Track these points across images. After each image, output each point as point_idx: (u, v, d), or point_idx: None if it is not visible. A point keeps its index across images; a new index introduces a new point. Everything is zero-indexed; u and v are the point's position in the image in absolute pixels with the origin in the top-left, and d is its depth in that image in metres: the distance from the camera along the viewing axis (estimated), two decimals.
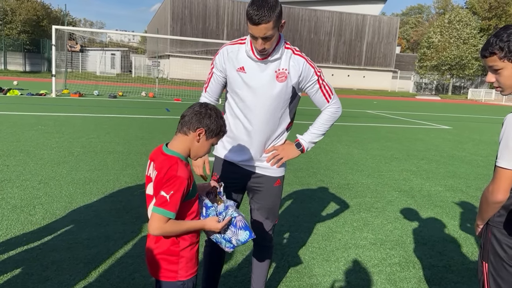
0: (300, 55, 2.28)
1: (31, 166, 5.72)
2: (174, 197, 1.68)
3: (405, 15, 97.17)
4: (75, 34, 28.35)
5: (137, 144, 7.77)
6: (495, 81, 1.74)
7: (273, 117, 2.31)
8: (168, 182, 1.69)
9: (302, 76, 2.27)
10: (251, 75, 2.24)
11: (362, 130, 12.10)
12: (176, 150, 1.79)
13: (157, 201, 1.69)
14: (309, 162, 7.15)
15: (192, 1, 41.84)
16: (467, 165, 7.89)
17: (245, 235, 1.88)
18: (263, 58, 2.21)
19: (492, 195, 1.70)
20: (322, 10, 46.58)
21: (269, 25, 2.01)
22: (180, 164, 1.74)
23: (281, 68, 2.24)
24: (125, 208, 4.32)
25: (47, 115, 10.99)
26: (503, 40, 1.64)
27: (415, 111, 22.02)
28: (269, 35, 2.04)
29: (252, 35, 2.06)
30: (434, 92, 54.64)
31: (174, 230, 1.74)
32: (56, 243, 3.40)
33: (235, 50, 2.28)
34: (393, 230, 4.28)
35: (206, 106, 1.83)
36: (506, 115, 1.67)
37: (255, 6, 2.00)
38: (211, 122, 1.79)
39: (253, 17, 1.99)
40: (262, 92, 2.25)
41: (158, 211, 1.68)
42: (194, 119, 1.78)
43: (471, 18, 49.55)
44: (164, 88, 26.04)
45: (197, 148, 1.83)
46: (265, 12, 1.98)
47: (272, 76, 2.23)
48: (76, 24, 59.35)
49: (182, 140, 1.81)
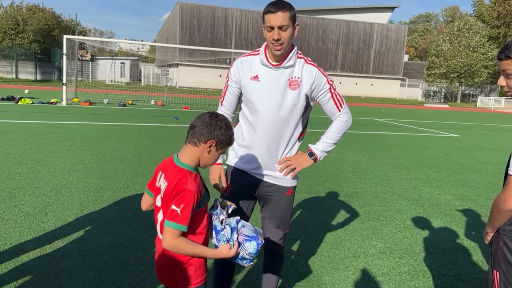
0: (312, 64, 2.34)
1: (43, 174, 5.80)
2: (185, 210, 1.70)
3: (413, 23, 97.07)
4: (85, 44, 28.75)
5: (146, 152, 7.83)
6: (505, 85, 1.76)
7: (286, 125, 2.35)
8: (177, 196, 1.71)
9: (315, 84, 2.32)
10: (265, 83, 2.30)
11: (370, 138, 12.08)
12: (186, 161, 1.81)
13: (168, 215, 1.72)
14: (318, 171, 7.16)
15: (201, 11, 42.23)
16: (477, 173, 7.85)
17: (253, 246, 1.86)
18: (278, 64, 2.26)
19: (504, 203, 1.70)
20: (329, 19, 46.72)
21: (286, 14, 2.12)
22: (189, 178, 1.76)
23: (294, 76, 2.29)
24: (135, 216, 4.37)
25: (58, 123, 11.13)
26: None
27: (423, 119, 21.92)
28: (285, 24, 2.12)
29: (269, 26, 2.14)
30: (442, 100, 54.35)
31: (186, 249, 1.75)
32: (68, 250, 3.45)
33: (249, 60, 2.36)
34: (403, 238, 4.27)
35: (216, 116, 1.85)
36: None
37: (273, 1, 2.17)
38: (221, 133, 1.81)
39: (272, 6, 2.12)
40: (275, 99, 2.29)
41: (170, 225, 1.70)
42: (205, 131, 1.80)
43: (480, 26, 49.37)
44: (173, 97, 26.23)
45: (207, 158, 1.85)
46: (284, 4, 2.14)
47: (285, 83, 2.29)
48: (86, 33, 60.15)
49: (192, 151, 1.83)
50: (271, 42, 2.17)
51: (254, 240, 1.88)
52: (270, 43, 2.19)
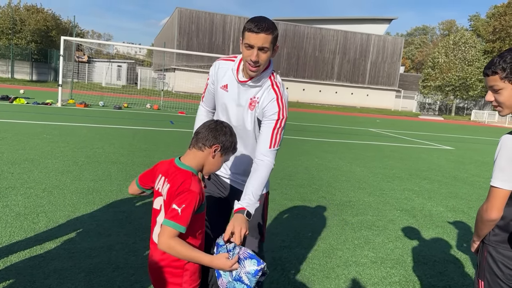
0: (275, 90, 2.22)
1: (36, 175, 5.77)
2: (186, 211, 1.68)
3: (410, 36, 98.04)
4: (82, 45, 28.71)
5: (141, 156, 7.82)
6: (493, 100, 1.81)
7: (249, 138, 2.34)
8: (180, 196, 1.70)
9: (265, 109, 2.21)
10: (231, 95, 2.28)
11: (365, 148, 12.13)
12: (190, 164, 1.82)
13: (168, 214, 1.69)
14: (311, 179, 7.17)
15: (200, 17, 42.43)
16: (469, 186, 7.90)
17: (253, 265, 1.74)
18: (245, 80, 2.20)
19: (486, 213, 1.77)
20: (327, 29, 47.08)
21: (269, 37, 2.05)
22: (193, 179, 1.76)
23: (255, 96, 2.23)
24: (127, 219, 4.35)
25: (52, 124, 11.09)
26: (506, 61, 1.71)
27: (418, 131, 22.06)
28: (266, 47, 2.06)
29: (249, 44, 2.05)
30: (437, 112, 54.76)
31: (181, 251, 1.70)
32: (59, 252, 3.43)
33: (225, 66, 2.31)
34: (394, 249, 4.28)
35: (221, 123, 1.89)
36: (502, 136, 1.73)
37: (256, 19, 2.06)
38: (226, 139, 1.85)
39: (256, 25, 2.02)
40: (237, 114, 2.29)
41: (169, 223, 1.67)
42: (210, 136, 1.83)
43: (476, 40, 49.94)
44: (169, 101, 26.22)
45: (211, 163, 1.86)
46: (267, 25, 2.04)
47: (246, 102, 2.25)
48: (84, 35, 60.10)
49: (197, 156, 1.84)
50: (247, 61, 2.09)
51: (256, 259, 1.76)
52: (245, 61, 2.11)
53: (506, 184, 1.70)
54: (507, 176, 1.69)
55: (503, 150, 1.70)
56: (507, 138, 1.71)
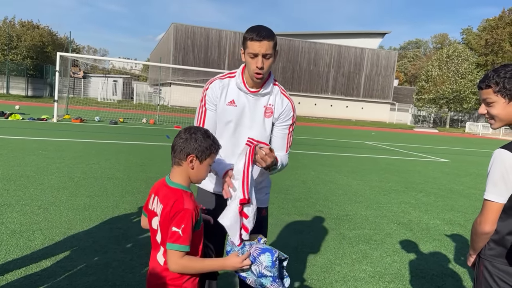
0: (286, 95, 2.35)
1: (31, 191, 5.73)
2: (186, 230, 1.69)
3: (403, 49, 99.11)
4: (78, 61, 28.81)
5: (137, 171, 7.80)
6: (486, 113, 1.87)
7: None
8: (176, 217, 1.70)
9: (281, 114, 2.31)
10: (241, 109, 2.26)
11: (361, 161, 12.17)
12: (178, 181, 1.82)
13: (170, 238, 1.70)
14: (308, 192, 7.17)
15: (195, 32, 42.75)
16: (465, 198, 7.92)
17: (268, 258, 1.79)
18: (255, 90, 2.25)
19: (480, 226, 1.81)
20: (321, 43, 47.55)
21: (271, 43, 2.12)
22: (185, 197, 1.76)
23: (269, 103, 2.29)
24: (124, 236, 4.32)
25: (48, 140, 11.06)
26: (500, 76, 1.77)
27: (413, 143, 22.15)
28: (269, 53, 2.12)
29: (253, 53, 2.11)
30: (432, 124, 55.09)
31: (193, 267, 1.74)
32: (55, 270, 3.40)
33: (225, 83, 2.30)
34: (392, 263, 4.27)
35: (190, 130, 1.83)
36: (495, 150, 1.77)
37: (256, 28, 2.13)
38: (198, 145, 1.79)
39: (257, 34, 2.09)
40: (251, 126, 2.27)
41: (173, 247, 1.69)
42: (183, 147, 1.79)
43: (468, 53, 50.58)
44: (164, 115, 26.24)
45: (195, 174, 1.84)
46: (268, 32, 2.12)
47: (261, 111, 2.28)
48: (80, 50, 60.31)
49: (179, 171, 1.83)
50: (253, 70, 2.15)
51: (268, 251, 1.81)
52: (252, 70, 2.16)
53: (499, 198, 1.74)
54: (499, 190, 1.74)
55: (496, 164, 1.74)
56: (499, 153, 1.75)
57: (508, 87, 1.75)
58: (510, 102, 1.78)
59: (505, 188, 1.72)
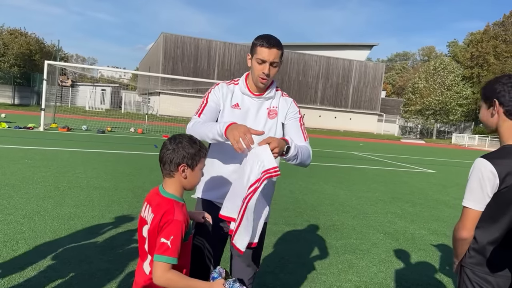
0: (288, 96, 2.49)
1: (16, 200, 5.66)
2: (175, 242, 1.67)
3: (390, 61, 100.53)
4: (66, 69, 28.64)
5: (124, 180, 7.75)
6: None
7: None
8: (166, 228, 1.69)
9: (288, 112, 2.42)
10: (245, 111, 2.34)
11: (348, 172, 12.25)
12: (171, 191, 1.82)
13: (158, 249, 1.67)
14: (296, 202, 7.20)
15: (185, 42, 42.85)
16: (451, 209, 8.02)
17: None
18: (259, 94, 2.34)
19: (458, 232, 1.89)
20: (310, 54, 48.01)
21: (279, 53, 2.23)
22: (176, 207, 1.75)
23: (272, 106, 2.39)
24: (109, 245, 4.29)
25: (34, 149, 10.94)
26: (490, 82, 1.94)
27: (400, 154, 22.38)
28: (277, 61, 2.23)
29: (262, 59, 2.20)
30: (418, 136, 55.73)
31: (177, 283, 1.69)
32: (39, 280, 3.35)
33: (231, 88, 2.39)
34: (378, 272, 4.30)
35: (175, 139, 1.81)
36: (476, 158, 1.83)
37: (267, 36, 2.24)
38: (187, 152, 1.78)
39: (268, 41, 2.19)
40: (254, 127, 2.19)
41: (161, 258, 1.66)
42: (172, 159, 1.78)
43: (454, 66, 51.48)
44: (153, 125, 26.15)
45: (188, 182, 1.83)
46: (277, 41, 2.24)
47: (265, 113, 2.36)
48: (68, 59, 59.93)
49: (172, 182, 1.83)
50: (259, 75, 2.24)
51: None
52: (257, 75, 2.25)
53: (476, 205, 1.82)
54: (477, 197, 1.81)
55: (474, 172, 1.82)
56: (479, 161, 1.81)
57: (483, 92, 1.94)
58: (488, 109, 1.92)
59: (482, 196, 1.79)
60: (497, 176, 1.75)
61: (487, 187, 1.77)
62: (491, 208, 1.80)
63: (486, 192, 1.78)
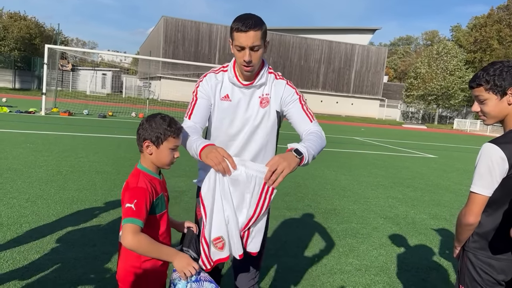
0: (281, 78, 2.24)
1: (19, 184, 5.69)
2: (138, 205, 1.72)
3: (393, 45, 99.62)
4: (66, 53, 28.49)
5: (125, 165, 7.77)
6: (480, 110, 1.93)
7: (259, 145, 2.21)
8: (128, 193, 1.75)
9: (284, 97, 2.19)
10: (236, 103, 2.17)
11: (350, 157, 12.26)
12: (144, 165, 1.91)
13: (124, 214, 1.72)
14: (297, 187, 7.22)
15: (185, 25, 42.47)
16: (452, 194, 8.04)
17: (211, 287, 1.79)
18: (249, 83, 2.14)
19: (465, 217, 1.87)
20: (312, 38, 47.56)
21: (258, 34, 1.96)
22: (141, 177, 1.83)
23: (265, 93, 2.18)
24: (112, 229, 4.33)
25: (36, 133, 10.95)
26: (489, 74, 1.83)
27: (401, 139, 22.36)
28: (257, 45, 1.98)
29: (240, 45, 1.98)
30: (420, 121, 55.60)
31: (147, 246, 1.73)
32: (43, 263, 3.39)
33: (219, 78, 2.20)
34: (378, 256, 4.34)
35: (149, 118, 1.92)
36: (483, 144, 1.81)
37: (243, 17, 1.98)
38: (152, 130, 1.86)
39: (243, 24, 1.94)
40: (247, 119, 2.17)
41: (127, 221, 1.70)
42: (140, 134, 1.88)
43: (457, 50, 51.02)
44: (154, 109, 26.09)
45: (156, 158, 1.89)
46: (255, 21, 1.96)
47: (256, 103, 2.17)
48: (68, 43, 59.53)
49: (142, 157, 1.93)
50: (241, 63, 2.03)
51: (214, 285, 1.80)
52: (240, 63, 2.05)
53: (485, 190, 1.79)
54: (485, 183, 1.79)
55: (483, 157, 1.79)
56: (487, 147, 1.79)
57: (498, 84, 1.81)
58: (502, 99, 1.83)
59: (491, 181, 1.77)
60: (506, 161, 1.74)
61: (497, 172, 1.76)
62: (498, 193, 1.79)
63: (495, 177, 1.76)
